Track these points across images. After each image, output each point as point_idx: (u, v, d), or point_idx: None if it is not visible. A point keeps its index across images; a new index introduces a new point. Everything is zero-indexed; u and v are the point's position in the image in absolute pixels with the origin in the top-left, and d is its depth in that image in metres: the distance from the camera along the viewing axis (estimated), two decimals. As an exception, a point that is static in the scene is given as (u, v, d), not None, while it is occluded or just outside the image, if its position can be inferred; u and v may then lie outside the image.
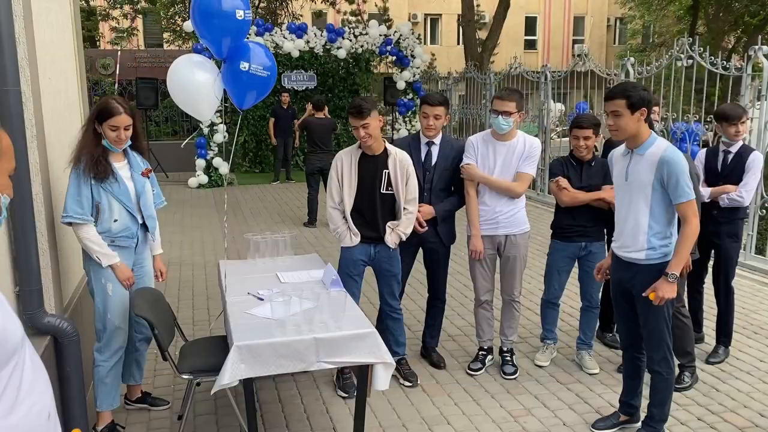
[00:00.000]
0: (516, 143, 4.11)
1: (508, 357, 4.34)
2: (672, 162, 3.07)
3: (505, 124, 4.01)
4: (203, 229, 9.08)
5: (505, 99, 4.00)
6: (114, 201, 3.37)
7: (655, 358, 3.33)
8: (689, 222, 3.11)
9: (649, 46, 28.14)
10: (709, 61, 7.47)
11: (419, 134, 4.29)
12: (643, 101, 3.11)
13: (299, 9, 21.71)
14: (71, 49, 4.66)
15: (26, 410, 1.40)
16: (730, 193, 4.28)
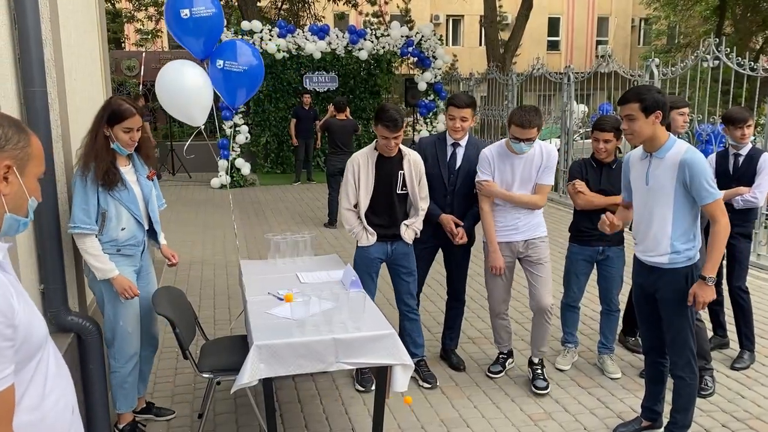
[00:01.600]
0: (533, 154, 3.96)
1: (539, 370, 4.11)
2: (693, 163, 3.02)
3: (527, 147, 3.87)
4: (225, 228, 9.14)
5: (526, 127, 3.78)
6: (122, 209, 3.25)
7: (678, 363, 3.28)
8: (718, 221, 3.06)
9: (674, 47, 27.79)
10: (735, 61, 7.35)
11: (445, 134, 4.27)
12: (657, 104, 3.06)
13: (321, 11, 21.81)
14: (96, 50, 4.73)
15: (52, 404, 1.44)
16: (744, 194, 4.25)
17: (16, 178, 1.45)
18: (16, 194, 1.46)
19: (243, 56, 4.96)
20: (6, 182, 1.43)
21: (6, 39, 2.85)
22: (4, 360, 1.29)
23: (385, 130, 3.83)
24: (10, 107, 2.84)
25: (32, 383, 1.38)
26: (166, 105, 4.71)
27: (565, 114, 11.27)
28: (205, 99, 4.70)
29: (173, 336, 3.34)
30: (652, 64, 9.12)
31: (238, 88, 4.96)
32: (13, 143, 1.43)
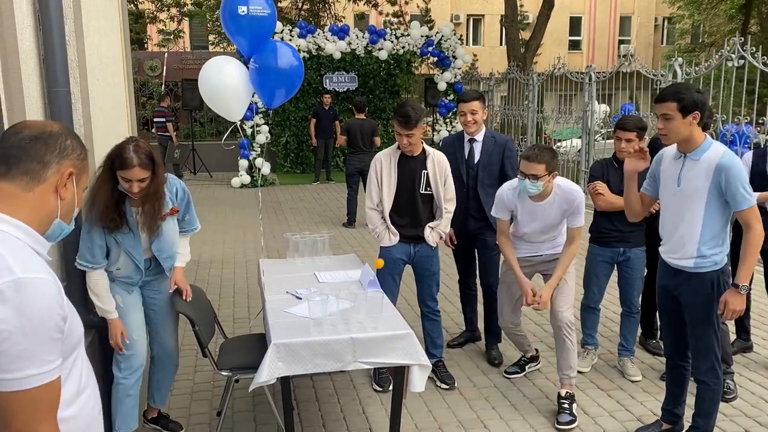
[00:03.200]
0: (553, 200, 3.71)
1: (566, 405, 3.70)
2: (730, 168, 2.94)
3: (533, 188, 3.58)
4: (245, 228, 9.20)
5: (533, 161, 3.53)
6: (122, 252, 3.13)
7: (702, 368, 3.22)
8: (753, 228, 2.98)
9: (698, 46, 27.41)
10: (761, 61, 7.23)
11: (463, 133, 4.34)
12: (696, 104, 2.97)
13: (341, 11, 21.85)
14: (119, 51, 4.79)
15: (84, 401, 1.48)
16: None
17: (73, 187, 1.51)
18: (70, 202, 1.52)
19: (283, 57, 4.98)
20: (65, 188, 1.49)
21: (31, 40, 2.89)
22: (55, 351, 1.33)
23: (398, 126, 3.85)
24: (35, 106, 2.89)
25: (69, 379, 1.42)
26: (206, 98, 4.83)
27: (587, 114, 11.17)
28: (244, 96, 4.79)
29: (193, 334, 3.37)
30: (675, 64, 9.01)
31: (279, 89, 4.98)
32: (76, 153, 1.51)
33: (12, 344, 1.26)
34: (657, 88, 9.44)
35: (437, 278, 4.19)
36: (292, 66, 4.96)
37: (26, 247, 1.38)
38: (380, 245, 4.09)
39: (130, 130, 5.07)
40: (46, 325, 1.30)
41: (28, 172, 1.43)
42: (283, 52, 4.95)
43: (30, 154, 1.44)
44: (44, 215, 1.47)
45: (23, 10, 2.81)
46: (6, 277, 1.27)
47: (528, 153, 3.60)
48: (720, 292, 3.10)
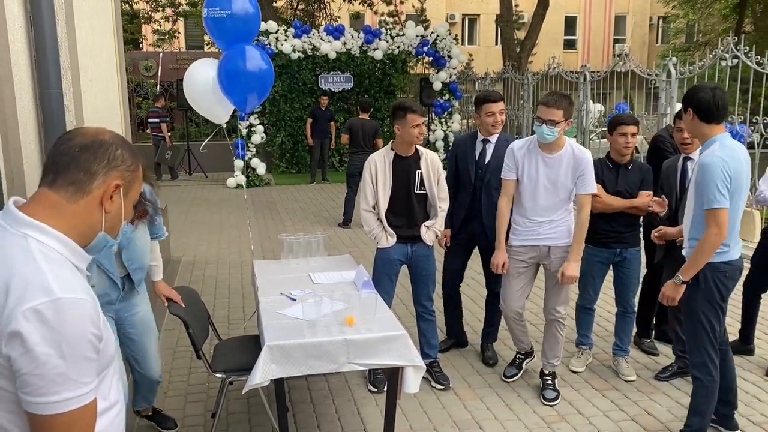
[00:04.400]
0: (563, 155, 3.73)
1: (550, 381, 3.98)
2: (704, 166, 3.03)
3: (549, 134, 3.63)
4: (240, 228, 9.19)
5: (551, 106, 3.59)
6: (93, 265, 2.89)
7: (693, 362, 3.27)
8: (708, 232, 3.04)
9: (693, 45, 27.48)
10: (755, 60, 7.25)
11: (476, 132, 4.36)
12: (689, 101, 3.14)
13: (337, 11, 21.84)
14: (113, 51, 4.78)
15: (113, 417, 1.45)
16: None
17: (120, 199, 1.46)
18: (116, 214, 1.47)
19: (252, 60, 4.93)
20: (111, 201, 1.43)
21: (23, 41, 2.88)
22: (92, 372, 1.30)
23: (414, 115, 3.87)
24: (26, 108, 2.88)
25: (101, 389, 1.39)
26: (192, 101, 4.77)
27: (581, 113, 11.19)
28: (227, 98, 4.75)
29: (187, 335, 3.36)
30: (670, 63, 9.03)
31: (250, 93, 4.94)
32: (126, 164, 1.46)
33: (50, 368, 1.23)
34: (651, 88, 9.46)
35: (434, 278, 4.19)
36: (261, 69, 4.91)
37: (66, 262, 1.34)
38: (378, 247, 4.08)
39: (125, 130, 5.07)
40: (84, 347, 1.27)
41: (74, 182, 1.39)
42: (251, 55, 4.90)
43: (78, 163, 1.39)
44: (87, 228, 1.42)
45: (14, 12, 2.80)
46: (45, 297, 1.24)
47: (546, 99, 3.66)
48: (709, 288, 3.15)
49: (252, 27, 4.84)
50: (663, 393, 4.02)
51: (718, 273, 3.16)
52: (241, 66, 4.75)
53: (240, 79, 4.77)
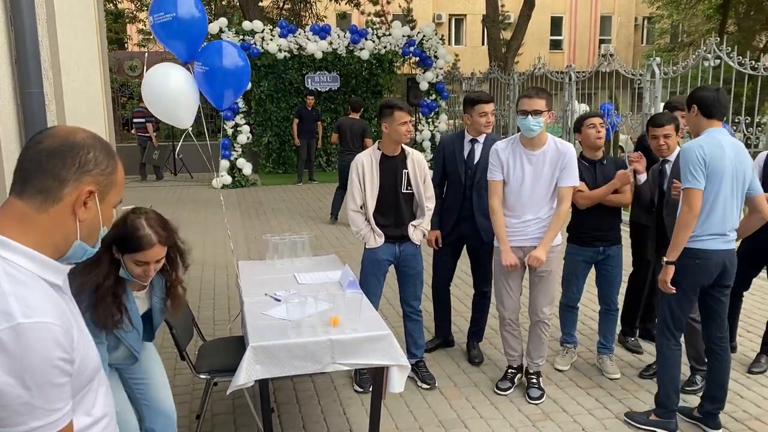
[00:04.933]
0: (547, 151, 3.75)
1: (535, 380, 4.01)
2: (682, 151, 3.37)
3: (536, 125, 3.66)
4: (226, 229, 9.14)
5: (533, 97, 3.69)
6: (121, 345, 2.61)
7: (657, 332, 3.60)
8: (680, 210, 3.32)
9: (677, 45, 27.70)
10: (737, 61, 7.33)
11: (464, 132, 4.36)
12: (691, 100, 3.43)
13: (323, 10, 21.80)
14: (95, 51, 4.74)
15: (102, 429, 1.40)
16: None
17: (95, 205, 1.36)
18: (91, 222, 1.37)
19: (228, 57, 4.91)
20: (85, 207, 1.34)
21: (2, 40, 2.85)
22: (64, 397, 1.23)
23: (402, 113, 3.89)
24: (7, 109, 2.85)
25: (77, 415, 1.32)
26: (152, 108, 4.70)
27: (567, 114, 11.25)
28: (190, 102, 4.68)
29: (171, 337, 3.34)
30: (654, 64, 9.10)
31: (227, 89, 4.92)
32: (100, 168, 1.35)
33: (12, 398, 1.15)
34: (636, 88, 9.53)
35: (421, 277, 4.20)
36: (237, 66, 4.90)
37: (35, 280, 1.25)
38: (366, 247, 4.07)
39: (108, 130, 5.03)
40: (50, 374, 1.19)
41: (42, 190, 1.29)
42: (228, 52, 4.89)
43: (46, 169, 1.29)
44: (61, 238, 1.33)
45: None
46: (4, 323, 1.16)
47: (527, 92, 3.79)
48: (679, 270, 3.38)
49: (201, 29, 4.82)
50: (647, 391, 4.05)
51: (688, 258, 3.34)
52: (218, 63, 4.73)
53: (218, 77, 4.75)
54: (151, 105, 4.64)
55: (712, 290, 3.46)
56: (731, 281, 3.48)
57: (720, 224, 3.32)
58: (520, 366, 4.15)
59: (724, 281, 3.45)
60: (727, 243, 3.38)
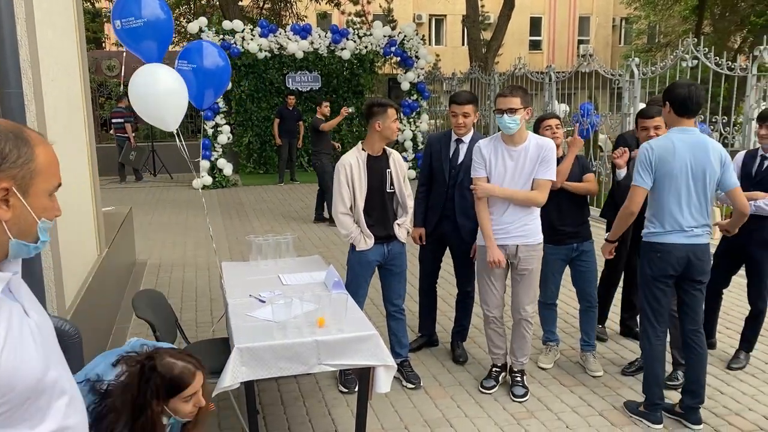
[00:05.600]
0: (528, 147, 3.79)
1: (519, 378, 4.03)
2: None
3: (512, 123, 3.70)
4: (207, 230, 9.08)
5: (508, 95, 3.73)
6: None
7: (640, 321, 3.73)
8: (624, 204, 3.62)
9: (654, 46, 28.04)
10: (714, 61, 7.43)
11: (450, 132, 4.39)
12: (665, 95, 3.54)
13: (304, 10, 21.74)
14: (74, 50, 4.68)
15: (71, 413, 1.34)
16: (759, 200, 4.08)
17: (19, 201, 1.26)
18: (19, 218, 1.27)
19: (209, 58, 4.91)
20: (6, 206, 1.24)
21: (-20, 40, 2.80)
22: None
23: (394, 110, 3.96)
24: (-15, 109, 2.80)
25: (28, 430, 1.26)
26: (138, 109, 4.66)
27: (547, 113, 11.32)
28: (179, 104, 4.65)
29: (154, 339, 3.31)
30: (633, 64, 9.20)
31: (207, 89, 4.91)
32: (10, 161, 1.24)
33: None
34: (615, 88, 9.63)
35: (405, 276, 4.22)
36: (218, 66, 4.92)
37: None
38: (356, 249, 4.03)
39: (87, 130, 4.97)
40: None
41: None
42: (209, 52, 4.90)
43: None
44: None
45: (-29, 10, 2.72)
46: None
47: (502, 91, 3.83)
48: (642, 264, 3.59)
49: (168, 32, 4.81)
50: (629, 388, 4.09)
51: (650, 251, 3.53)
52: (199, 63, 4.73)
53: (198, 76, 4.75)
54: (138, 105, 4.62)
55: (684, 284, 3.57)
56: (702, 276, 3.55)
57: (675, 220, 3.46)
58: (505, 364, 4.16)
59: (694, 275, 3.52)
60: (690, 237, 3.46)
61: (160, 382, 2.13)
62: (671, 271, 3.51)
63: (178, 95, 4.59)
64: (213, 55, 4.91)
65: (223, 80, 5.05)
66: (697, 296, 3.59)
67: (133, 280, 6.40)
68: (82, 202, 4.69)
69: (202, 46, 4.99)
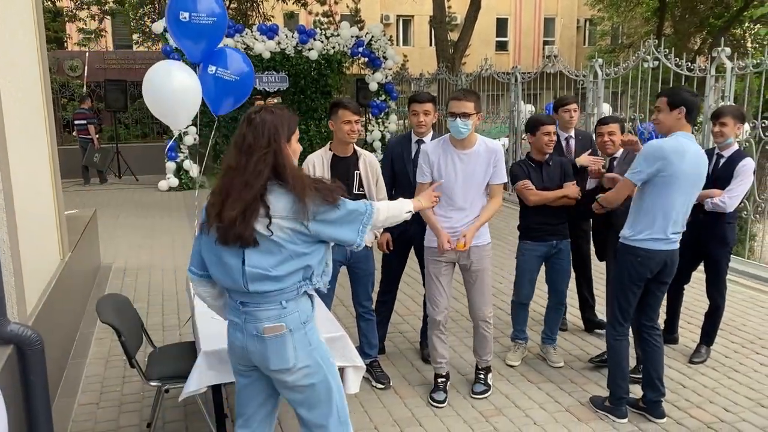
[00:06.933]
0: (478, 150, 3.76)
1: (482, 375, 4.07)
2: (646, 144, 3.52)
3: (464, 128, 3.64)
4: (174, 232, 8.97)
5: (462, 99, 3.64)
6: None
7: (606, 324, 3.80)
8: (611, 191, 3.73)
9: (618, 47, 28.53)
10: (674, 62, 7.60)
11: (410, 132, 4.36)
12: (682, 102, 3.42)
13: (270, 10, 21.59)
14: (34, 51, 4.58)
15: None
16: (714, 198, 4.21)
17: None
18: None
19: (234, 63, 4.89)
20: None
21: (-66, 40, 2.73)
22: None
23: (349, 113, 3.85)
24: (-60, 111, 2.73)
25: None
26: (151, 105, 4.64)
27: (513, 114, 11.46)
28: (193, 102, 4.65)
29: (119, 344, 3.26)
30: (596, 65, 9.36)
31: (227, 97, 4.88)
32: None
33: None
34: (580, 88, 9.78)
35: (373, 278, 4.22)
36: (243, 73, 4.91)
37: None
38: None
39: (48, 132, 4.87)
40: None
41: None
42: (234, 58, 4.89)
43: None
44: None
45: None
46: None
47: (456, 94, 3.75)
48: (622, 266, 3.59)
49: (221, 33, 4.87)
50: (595, 383, 4.17)
51: (630, 255, 3.51)
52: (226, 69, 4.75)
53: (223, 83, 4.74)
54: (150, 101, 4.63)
55: (652, 285, 3.62)
56: (670, 278, 3.63)
57: (663, 226, 3.43)
58: (448, 373, 4.09)
59: (664, 278, 3.60)
60: (669, 244, 3.50)
61: None
62: (648, 275, 3.53)
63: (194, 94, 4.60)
64: (238, 62, 4.91)
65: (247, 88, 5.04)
66: (659, 296, 3.69)
67: (98, 285, 6.28)
68: (43, 205, 4.59)
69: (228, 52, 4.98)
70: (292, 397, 2.43)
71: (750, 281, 6.36)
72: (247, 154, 2.26)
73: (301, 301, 2.38)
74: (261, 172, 2.24)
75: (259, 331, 2.32)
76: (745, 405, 3.88)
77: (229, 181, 2.29)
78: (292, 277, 2.32)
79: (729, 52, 7.02)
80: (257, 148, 2.26)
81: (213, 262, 2.39)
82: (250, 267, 2.26)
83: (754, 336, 4.97)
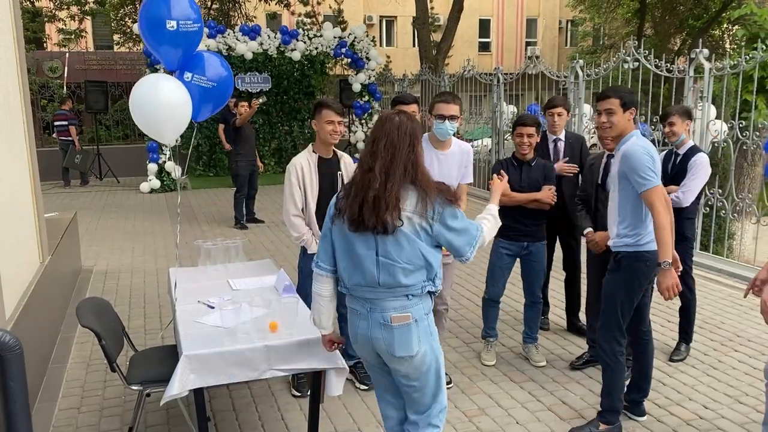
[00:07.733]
0: (454, 151, 3.95)
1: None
2: (629, 155, 3.26)
3: (452, 129, 3.82)
4: (155, 235, 8.91)
5: (450, 102, 3.80)
6: None
7: (601, 346, 3.52)
8: (655, 209, 3.20)
9: (599, 48, 28.79)
10: (653, 63, 7.68)
11: None
12: (633, 102, 3.37)
13: (252, 11, 21.52)
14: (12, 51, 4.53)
15: None
16: (671, 193, 4.26)
17: None
18: None
19: (212, 68, 4.85)
20: None
21: None
22: None
23: (333, 113, 3.87)
24: None
25: None
26: (138, 120, 4.58)
27: (496, 114, 11.51)
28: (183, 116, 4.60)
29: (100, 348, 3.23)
30: (577, 66, 9.43)
31: (205, 103, 4.84)
32: None
33: None
34: (561, 89, 9.85)
35: None
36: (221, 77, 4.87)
37: None
38: (308, 252, 4.00)
39: (27, 133, 4.82)
40: None
41: None
42: (211, 63, 4.85)
43: None
44: None
45: None
46: None
47: (444, 97, 3.84)
48: (630, 275, 3.38)
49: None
50: (576, 382, 4.20)
51: (639, 262, 3.38)
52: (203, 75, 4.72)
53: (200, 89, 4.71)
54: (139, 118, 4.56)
55: (647, 288, 3.58)
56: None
57: (651, 227, 3.39)
58: None
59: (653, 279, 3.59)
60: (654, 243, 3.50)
61: None
62: (652, 278, 3.44)
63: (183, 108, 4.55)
64: (216, 66, 4.87)
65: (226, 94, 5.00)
66: (649, 297, 3.68)
67: (78, 288, 6.22)
68: (21, 207, 4.54)
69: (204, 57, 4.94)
70: (406, 381, 2.64)
71: (729, 279, 6.45)
72: (391, 150, 2.49)
73: (424, 297, 2.57)
74: (404, 167, 2.48)
75: (386, 319, 2.52)
76: (723, 402, 3.93)
77: (369, 173, 2.48)
78: (417, 274, 2.50)
79: (707, 53, 7.11)
80: (401, 147, 2.50)
81: (344, 254, 2.57)
82: (382, 257, 2.45)
83: (732, 333, 5.04)
